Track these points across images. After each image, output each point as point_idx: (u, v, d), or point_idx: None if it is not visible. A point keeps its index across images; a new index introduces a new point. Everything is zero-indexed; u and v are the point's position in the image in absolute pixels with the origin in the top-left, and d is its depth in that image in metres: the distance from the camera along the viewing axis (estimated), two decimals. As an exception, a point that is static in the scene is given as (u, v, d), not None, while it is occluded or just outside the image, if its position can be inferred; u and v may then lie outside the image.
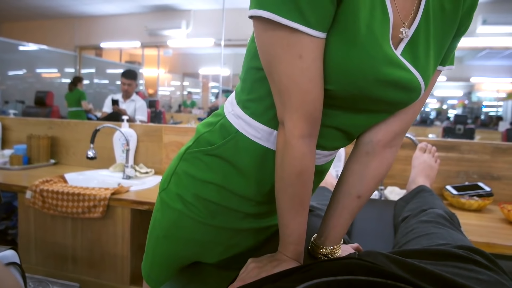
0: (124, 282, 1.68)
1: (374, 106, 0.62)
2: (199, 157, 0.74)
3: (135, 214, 1.66)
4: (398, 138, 0.70)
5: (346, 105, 0.62)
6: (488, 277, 0.56)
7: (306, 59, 0.53)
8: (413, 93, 0.61)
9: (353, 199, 0.71)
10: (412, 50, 0.60)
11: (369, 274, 0.45)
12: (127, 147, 2.08)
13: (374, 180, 0.70)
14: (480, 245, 1.19)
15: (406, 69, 0.59)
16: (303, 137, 0.58)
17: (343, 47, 0.54)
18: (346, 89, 0.57)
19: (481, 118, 8.93)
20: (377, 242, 0.99)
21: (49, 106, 5.17)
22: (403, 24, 0.58)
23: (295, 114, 0.57)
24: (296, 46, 0.53)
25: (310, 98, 0.56)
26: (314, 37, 0.52)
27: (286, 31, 0.52)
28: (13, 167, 2.22)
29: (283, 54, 0.54)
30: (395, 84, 0.58)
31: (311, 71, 0.54)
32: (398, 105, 0.63)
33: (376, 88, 0.57)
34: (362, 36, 0.54)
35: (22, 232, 1.84)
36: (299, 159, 0.60)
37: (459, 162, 1.80)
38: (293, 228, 0.65)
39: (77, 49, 8.16)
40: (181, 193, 0.76)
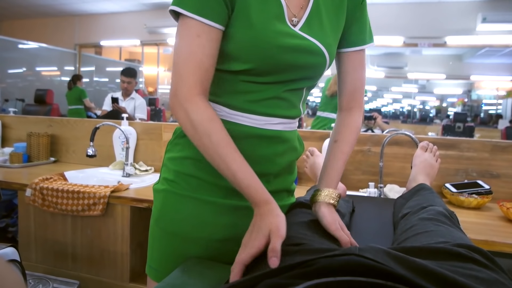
0: (123, 279, 1.68)
1: (294, 74, 0.80)
2: (176, 142, 0.89)
3: (135, 211, 1.67)
4: (353, 100, 0.92)
5: (272, 78, 0.79)
6: (487, 276, 0.56)
7: (203, 38, 0.72)
8: (318, 56, 0.80)
9: (332, 144, 0.91)
10: (309, 27, 0.80)
11: (369, 274, 0.45)
12: (126, 145, 2.08)
13: (347, 128, 0.91)
14: (479, 243, 1.19)
15: (303, 38, 0.79)
16: (200, 94, 0.74)
17: (245, 28, 0.75)
18: (263, 62, 0.76)
19: (480, 116, 8.92)
20: (376, 240, 0.99)
21: (49, 104, 5.17)
22: (294, 15, 0.80)
23: (192, 78, 0.73)
24: (196, 28, 0.72)
25: (203, 67, 0.73)
26: (209, 25, 0.73)
27: (191, 20, 0.72)
28: (13, 165, 2.22)
29: (187, 35, 0.73)
30: (296, 49, 0.77)
31: (206, 47, 0.73)
32: (311, 68, 0.82)
33: (284, 54, 0.76)
34: (256, 18, 0.74)
35: (22, 229, 1.84)
36: (205, 108, 0.74)
37: (459, 160, 1.80)
38: (242, 176, 0.72)
39: (77, 47, 8.14)
40: (166, 176, 0.88)
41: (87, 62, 8.34)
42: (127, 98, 3.55)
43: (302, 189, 1.68)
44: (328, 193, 0.84)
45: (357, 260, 0.49)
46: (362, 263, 0.49)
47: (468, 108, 9.53)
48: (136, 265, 1.70)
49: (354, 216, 1.12)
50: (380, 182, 1.78)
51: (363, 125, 3.68)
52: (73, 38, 8.10)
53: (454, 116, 5.10)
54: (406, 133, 1.76)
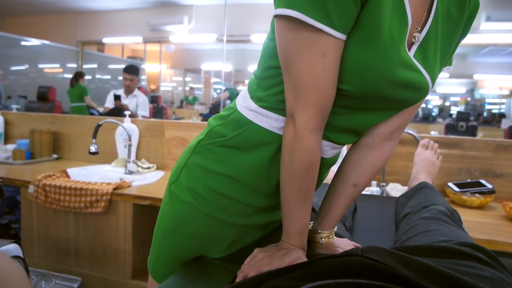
0: (126, 276, 1.69)
1: (384, 105, 0.66)
2: (211, 149, 0.75)
3: (137, 209, 1.67)
4: (398, 131, 0.74)
5: (359, 105, 0.65)
6: (490, 274, 0.56)
7: (329, 58, 0.56)
8: (422, 92, 0.65)
9: (349, 187, 0.75)
10: (423, 52, 0.63)
11: (371, 275, 0.45)
12: (129, 142, 2.09)
13: (371, 171, 0.74)
14: (481, 242, 1.19)
15: (417, 70, 0.62)
16: (315, 131, 0.62)
17: (363, 49, 0.57)
18: (361, 90, 0.61)
19: (483, 115, 8.89)
20: (378, 239, 0.99)
21: (52, 101, 5.18)
22: (416, 29, 0.62)
23: (311, 109, 0.60)
24: (321, 45, 0.55)
25: (327, 95, 0.59)
26: (337, 38, 0.55)
27: (312, 31, 0.55)
28: (16, 161, 2.23)
29: (307, 52, 0.56)
30: (407, 85, 0.62)
31: (332, 69, 0.57)
32: (407, 103, 0.67)
33: (390, 89, 0.61)
34: (382, 39, 0.57)
35: (25, 226, 1.85)
36: (310, 151, 0.63)
37: (461, 159, 1.79)
38: (299, 218, 0.67)
39: (79, 44, 8.15)
40: (192, 186, 0.76)
41: (89, 59, 8.35)
42: (130, 96, 3.55)
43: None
44: (326, 235, 0.77)
45: (359, 261, 0.49)
46: (364, 263, 0.49)
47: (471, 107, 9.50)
48: (138, 262, 1.70)
49: (357, 214, 1.12)
50: (383, 181, 1.78)
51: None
52: (75, 35, 8.11)
53: (457, 115, 5.07)
54: (409, 132, 1.76)
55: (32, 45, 7.09)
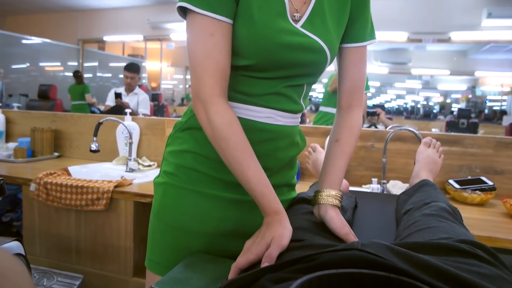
0: (127, 273, 1.69)
1: (294, 70, 0.80)
2: (176, 135, 0.89)
3: (138, 206, 1.67)
4: (352, 97, 0.89)
5: (273, 74, 0.79)
6: (489, 272, 0.56)
7: (216, 36, 0.72)
8: (319, 53, 0.80)
9: (333, 143, 0.87)
10: (311, 24, 0.79)
11: (371, 268, 0.45)
12: (130, 140, 2.09)
13: (347, 128, 0.88)
14: (482, 239, 1.19)
15: (304, 35, 0.78)
16: (221, 96, 0.74)
17: (247, 25, 0.74)
18: (263, 59, 0.76)
19: (484, 112, 8.87)
20: (379, 235, 0.99)
21: (53, 100, 5.18)
22: (296, 10, 0.79)
23: (211, 79, 0.73)
24: (208, 26, 0.72)
25: (220, 66, 0.73)
26: (220, 20, 0.72)
27: (201, 18, 0.72)
28: (17, 160, 2.24)
29: (200, 34, 0.73)
30: (297, 47, 0.77)
31: (220, 45, 0.73)
32: (312, 65, 0.81)
33: (284, 52, 0.76)
34: (258, 14, 0.74)
35: (26, 224, 1.86)
36: (225, 110, 0.74)
37: (462, 156, 1.79)
38: (256, 183, 0.72)
39: (80, 43, 8.15)
40: (165, 169, 0.89)
41: (90, 58, 8.35)
42: (130, 94, 3.55)
43: (305, 184, 1.68)
44: (332, 194, 0.81)
45: (359, 255, 0.49)
46: (364, 257, 0.49)
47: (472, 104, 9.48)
48: (139, 260, 1.71)
49: (357, 211, 1.12)
50: (383, 178, 1.78)
51: (366, 121, 3.68)
52: (76, 34, 8.11)
53: (458, 112, 5.06)
54: (410, 129, 1.75)
55: (33, 43, 7.09)
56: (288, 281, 0.47)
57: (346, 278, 0.41)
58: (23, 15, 8.34)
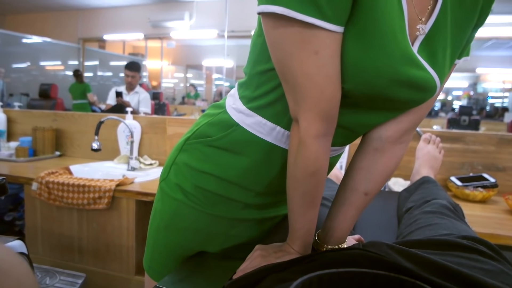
0: (129, 272, 1.70)
1: (386, 105, 0.60)
2: (198, 148, 0.74)
3: (140, 205, 1.68)
4: (408, 134, 0.67)
5: (358, 104, 0.59)
6: (492, 267, 0.56)
7: (322, 55, 0.50)
8: (428, 92, 0.59)
9: (360, 196, 0.68)
10: (429, 47, 0.56)
11: (372, 266, 0.45)
12: (131, 139, 2.09)
13: (382, 177, 0.68)
14: (484, 236, 1.18)
15: (422, 68, 0.55)
16: (319, 137, 0.56)
17: (360, 44, 0.51)
18: (360, 88, 0.55)
19: (486, 109, 8.86)
20: (380, 233, 0.99)
21: (54, 99, 5.19)
22: (419, 20, 0.54)
23: (311, 113, 0.54)
24: (312, 42, 0.49)
25: (326, 96, 0.53)
26: (331, 31, 0.49)
27: (301, 27, 0.48)
28: (19, 159, 2.24)
29: (297, 51, 0.50)
30: (410, 84, 0.55)
31: (327, 68, 0.51)
32: (411, 104, 0.61)
33: (391, 88, 0.54)
34: (381, 32, 0.50)
35: (29, 223, 1.86)
36: (313, 159, 0.58)
37: (464, 153, 1.79)
38: (303, 224, 0.64)
39: (80, 42, 8.15)
40: (181, 183, 0.76)
41: (90, 56, 8.35)
42: (131, 92, 3.55)
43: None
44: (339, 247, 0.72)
45: (361, 253, 0.50)
46: (365, 256, 0.49)
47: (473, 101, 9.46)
48: (141, 258, 1.71)
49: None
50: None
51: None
52: (76, 32, 8.11)
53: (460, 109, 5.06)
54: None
55: (33, 43, 7.10)
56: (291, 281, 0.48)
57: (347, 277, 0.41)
58: (23, 14, 8.34)
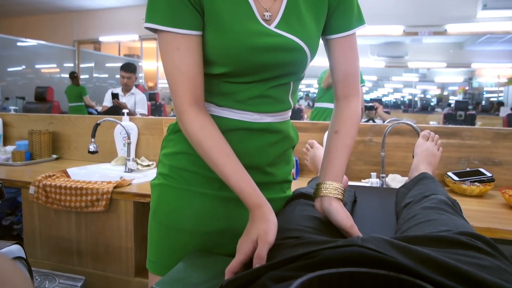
0: (129, 274, 1.70)
1: (274, 72, 0.79)
2: (169, 138, 0.91)
3: (138, 206, 1.67)
4: (348, 87, 0.87)
5: (253, 78, 0.78)
6: (489, 263, 0.56)
7: (182, 49, 0.75)
8: (297, 51, 0.78)
9: (332, 135, 0.86)
10: (286, 23, 0.78)
11: (372, 265, 0.45)
12: (128, 140, 2.09)
13: (346, 119, 0.86)
14: (481, 231, 1.20)
15: (278, 35, 0.76)
16: (191, 104, 0.76)
17: (216, 33, 0.75)
18: (237, 65, 0.76)
19: (482, 104, 8.89)
20: (379, 229, 0.99)
21: (50, 102, 5.17)
22: (266, 10, 0.77)
23: (181, 90, 0.75)
24: (174, 41, 0.75)
25: (189, 77, 0.75)
26: (184, 34, 0.74)
27: (166, 33, 0.75)
28: (16, 163, 2.23)
29: (167, 49, 0.75)
30: (271, 48, 0.76)
31: (186, 57, 0.75)
32: (291, 64, 0.80)
33: (258, 55, 0.75)
34: (226, 22, 0.74)
35: (27, 227, 1.85)
36: (196, 116, 0.76)
37: (460, 148, 1.80)
38: (235, 180, 0.73)
39: (76, 44, 8.12)
40: (161, 171, 0.91)
41: (86, 59, 8.32)
42: (127, 94, 3.55)
43: (304, 181, 1.68)
44: (334, 186, 0.79)
45: (360, 251, 0.50)
46: (364, 254, 0.49)
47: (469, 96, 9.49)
48: (141, 260, 1.71)
49: (357, 206, 1.12)
50: (382, 172, 1.78)
51: (364, 115, 3.68)
52: (71, 35, 8.08)
53: (456, 104, 5.08)
54: (408, 123, 1.76)
55: (28, 46, 7.07)
56: (289, 279, 0.48)
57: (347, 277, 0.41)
58: (17, 17, 8.30)
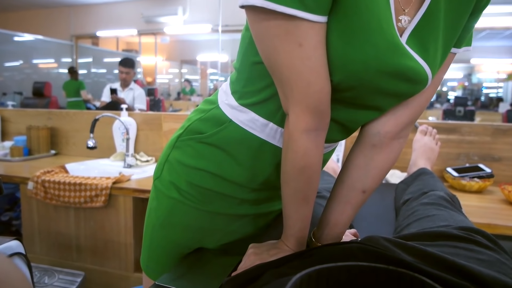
0: (128, 269, 1.70)
1: (376, 101, 0.58)
2: (190, 144, 0.73)
3: (137, 202, 1.67)
4: (407, 128, 0.65)
5: (347, 99, 0.58)
6: (488, 257, 0.57)
7: (306, 47, 0.49)
8: (419, 85, 0.56)
9: (357, 194, 0.66)
10: (419, 38, 0.54)
11: (371, 260, 0.45)
12: (127, 136, 2.08)
13: (380, 174, 0.66)
14: (481, 226, 1.19)
15: (411, 58, 0.53)
16: (308, 131, 0.55)
17: (344, 34, 0.50)
18: (346, 81, 0.54)
19: (481, 100, 8.90)
20: (378, 226, 0.99)
21: (48, 97, 5.15)
22: (403, 10, 0.53)
23: (298, 107, 0.53)
24: (295, 34, 0.48)
25: (314, 90, 0.52)
26: (314, 22, 0.48)
27: (283, 19, 0.47)
28: (14, 158, 2.22)
29: (281, 44, 0.49)
30: (399, 75, 0.53)
31: (312, 60, 0.50)
32: (401, 97, 0.59)
33: (379, 79, 0.53)
34: (364, 21, 0.48)
35: (25, 222, 1.85)
36: (302, 154, 0.57)
37: (460, 144, 1.80)
38: (296, 220, 0.63)
39: (73, 39, 8.08)
40: (175, 181, 0.75)
41: (84, 54, 8.29)
42: (126, 89, 3.53)
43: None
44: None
45: (359, 247, 0.50)
46: (363, 249, 0.49)
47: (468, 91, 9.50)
48: (140, 255, 1.70)
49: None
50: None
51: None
52: (69, 29, 8.03)
53: (455, 100, 5.08)
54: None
55: (25, 41, 7.02)
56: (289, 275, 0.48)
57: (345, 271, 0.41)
58: (14, 11, 8.24)
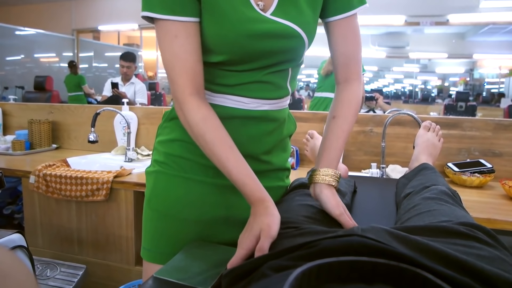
0: (129, 262, 1.71)
1: (271, 59, 0.77)
2: (165, 125, 0.90)
3: (138, 196, 1.68)
4: (348, 71, 0.85)
5: (250, 65, 0.77)
6: (488, 253, 0.57)
7: (180, 37, 0.73)
8: (294, 38, 0.76)
9: (330, 121, 0.84)
10: (282, 9, 0.76)
11: (372, 254, 0.45)
12: (128, 130, 2.08)
13: (345, 103, 0.84)
14: (481, 221, 1.20)
15: (273, 22, 0.75)
16: (192, 94, 0.74)
17: (213, 22, 0.74)
18: (234, 53, 0.75)
19: (483, 95, 8.86)
20: (379, 219, 0.99)
21: (49, 91, 5.15)
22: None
23: (181, 79, 0.74)
24: (171, 29, 0.73)
25: (189, 65, 0.74)
26: (183, 21, 0.72)
27: (164, 21, 0.73)
28: (16, 152, 2.23)
29: (165, 37, 0.74)
30: (267, 35, 0.74)
31: (186, 45, 0.73)
32: (289, 51, 0.78)
33: (256, 42, 0.74)
34: (222, 9, 0.73)
35: (27, 216, 1.86)
36: (198, 107, 0.74)
37: (461, 139, 1.80)
38: (237, 174, 0.72)
39: (75, 33, 8.06)
40: (156, 158, 0.90)
41: (85, 48, 8.27)
42: (127, 83, 3.53)
43: (304, 171, 1.68)
44: (328, 173, 0.78)
45: (360, 241, 0.50)
46: (364, 243, 0.49)
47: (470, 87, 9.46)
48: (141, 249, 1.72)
49: (356, 196, 1.12)
50: (382, 163, 1.78)
51: (364, 105, 3.67)
52: (70, 23, 8.01)
53: (456, 95, 5.06)
54: (409, 113, 1.75)
55: (27, 35, 7.01)
56: (288, 268, 0.48)
57: (347, 266, 0.41)
58: (15, 5, 8.21)
